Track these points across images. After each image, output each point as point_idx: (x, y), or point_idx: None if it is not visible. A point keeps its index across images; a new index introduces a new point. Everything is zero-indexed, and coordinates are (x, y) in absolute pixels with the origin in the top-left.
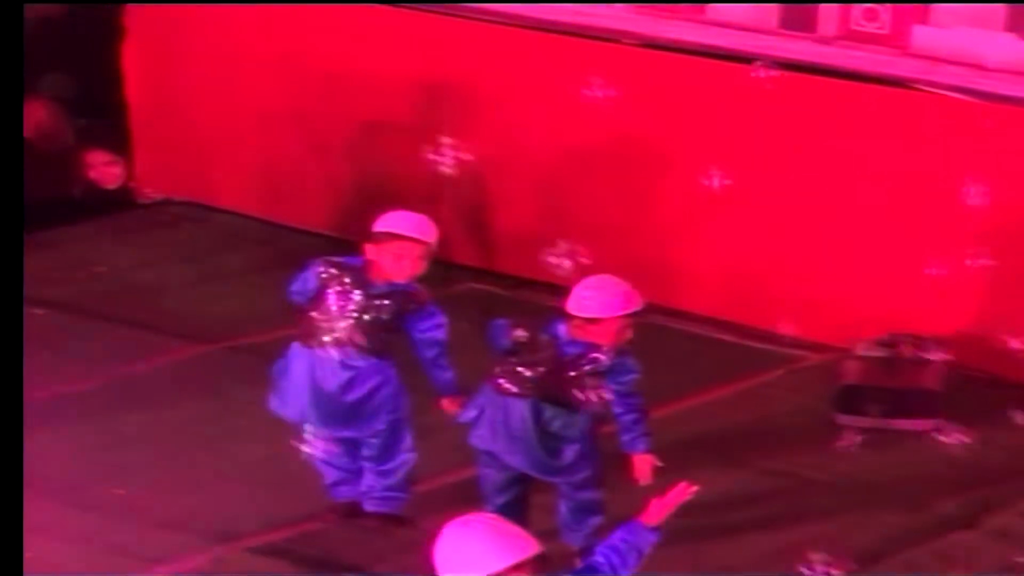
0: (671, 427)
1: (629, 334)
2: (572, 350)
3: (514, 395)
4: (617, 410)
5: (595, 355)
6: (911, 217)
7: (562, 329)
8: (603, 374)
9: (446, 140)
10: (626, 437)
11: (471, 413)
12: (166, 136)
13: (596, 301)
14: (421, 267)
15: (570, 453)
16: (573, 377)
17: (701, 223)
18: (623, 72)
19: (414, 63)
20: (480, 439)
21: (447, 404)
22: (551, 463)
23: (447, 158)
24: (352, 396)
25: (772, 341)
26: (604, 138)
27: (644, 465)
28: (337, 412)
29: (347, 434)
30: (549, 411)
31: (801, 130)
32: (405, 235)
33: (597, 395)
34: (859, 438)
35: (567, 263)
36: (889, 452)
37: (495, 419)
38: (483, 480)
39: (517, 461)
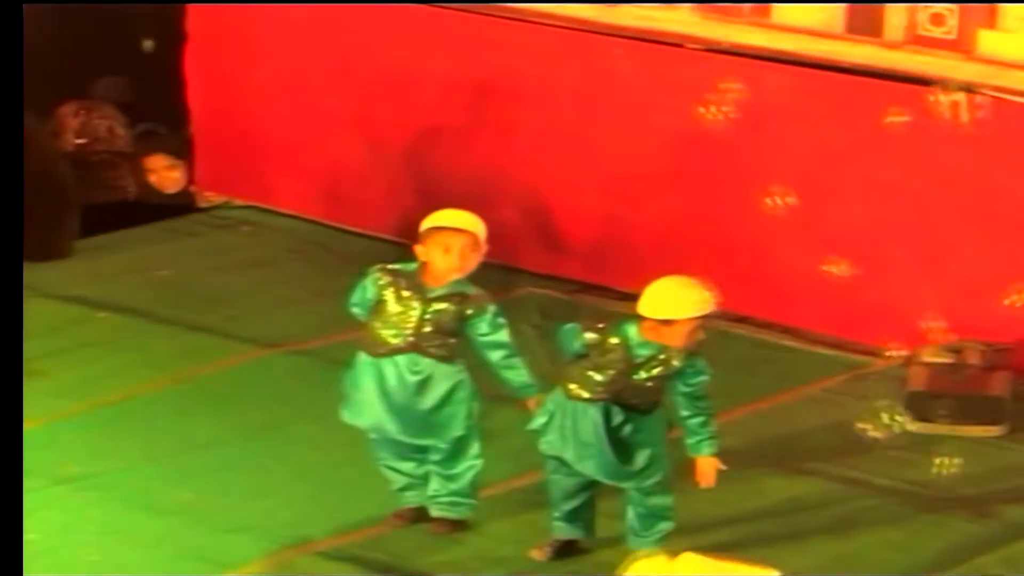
0: (736, 432)
1: (701, 336)
2: (643, 352)
3: (584, 400)
4: (684, 413)
5: (667, 357)
6: (978, 222)
7: (633, 331)
8: (674, 376)
9: None
10: (692, 440)
11: (540, 419)
12: (226, 140)
13: (669, 302)
14: (471, 261)
15: (642, 458)
16: (645, 379)
17: (768, 229)
18: (685, 77)
19: (477, 66)
20: (549, 445)
21: (532, 405)
22: (622, 468)
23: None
24: (427, 403)
25: (838, 347)
26: (670, 144)
27: (708, 468)
28: (414, 420)
29: (426, 441)
30: (620, 415)
31: (868, 136)
32: (447, 226)
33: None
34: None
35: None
36: (956, 459)
37: (564, 425)
38: (551, 486)
39: (588, 467)
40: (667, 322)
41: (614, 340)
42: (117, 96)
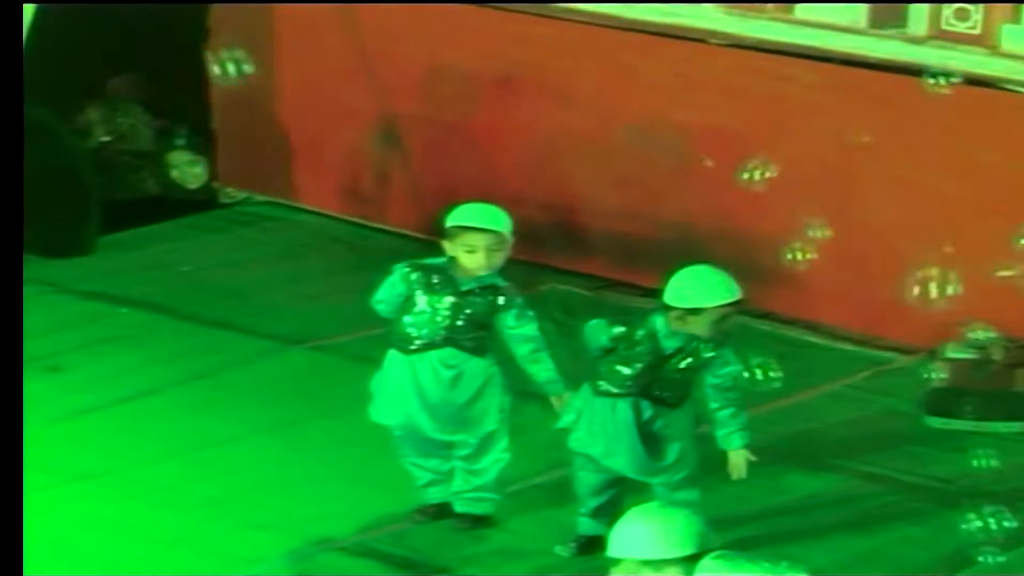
0: (758, 429)
1: (729, 324)
2: (672, 344)
3: (614, 395)
4: (714, 405)
5: (696, 348)
6: (1001, 218)
7: (660, 322)
8: (703, 368)
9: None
10: (722, 432)
11: (569, 417)
12: (248, 136)
13: (696, 290)
14: (496, 259)
15: (671, 453)
16: (674, 372)
17: (791, 226)
18: (708, 72)
19: (499, 62)
20: (578, 442)
21: (556, 403)
22: (652, 464)
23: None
24: (461, 397)
25: (861, 343)
26: (694, 139)
27: (740, 460)
28: (448, 416)
29: (458, 437)
30: (649, 410)
31: (893, 131)
32: (473, 226)
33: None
34: None
35: None
36: (980, 455)
37: (593, 421)
38: (579, 483)
39: (617, 463)
40: (694, 311)
41: (642, 332)
42: (139, 93)
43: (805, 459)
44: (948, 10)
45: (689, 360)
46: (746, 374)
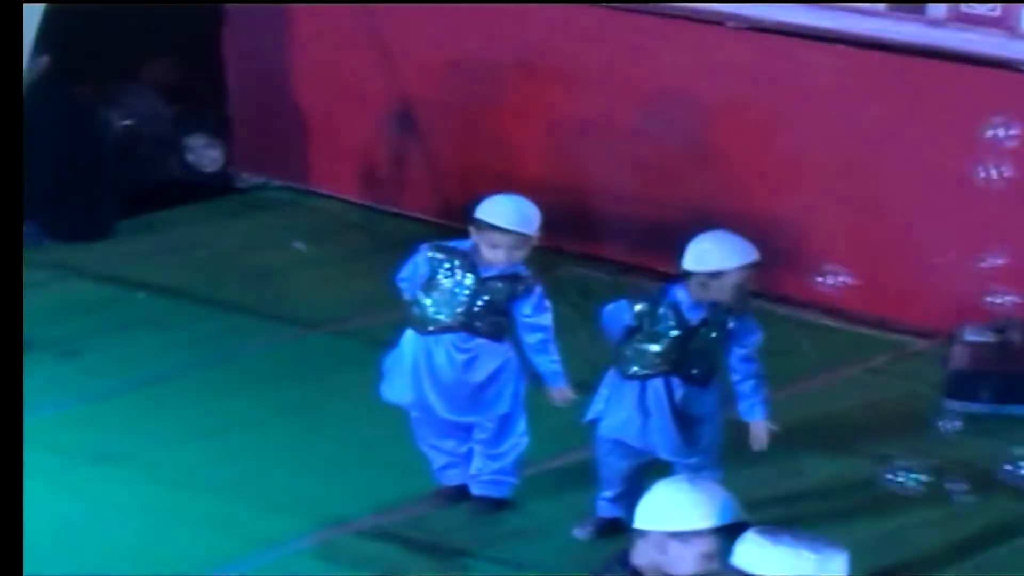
0: (778, 412)
1: (751, 287)
2: (696, 315)
3: (644, 376)
4: (737, 377)
5: (720, 317)
6: (1021, 201)
7: (682, 294)
8: (728, 339)
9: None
10: (743, 404)
11: (597, 407)
12: (264, 120)
13: (715, 254)
14: (517, 255)
15: (702, 432)
16: (701, 345)
17: (809, 208)
18: (726, 55)
19: (514, 48)
20: (610, 429)
21: (556, 394)
22: (685, 443)
23: None
24: (474, 380)
25: (880, 327)
26: (711, 123)
27: (761, 431)
28: (461, 397)
29: (471, 418)
30: (680, 388)
31: (911, 113)
32: (499, 226)
33: None
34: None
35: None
36: (999, 437)
37: (624, 406)
38: (604, 469)
39: (654, 444)
40: (715, 275)
41: (664, 306)
42: (159, 78)
43: (824, 442)
44: None
45: (716, 332)
46: None
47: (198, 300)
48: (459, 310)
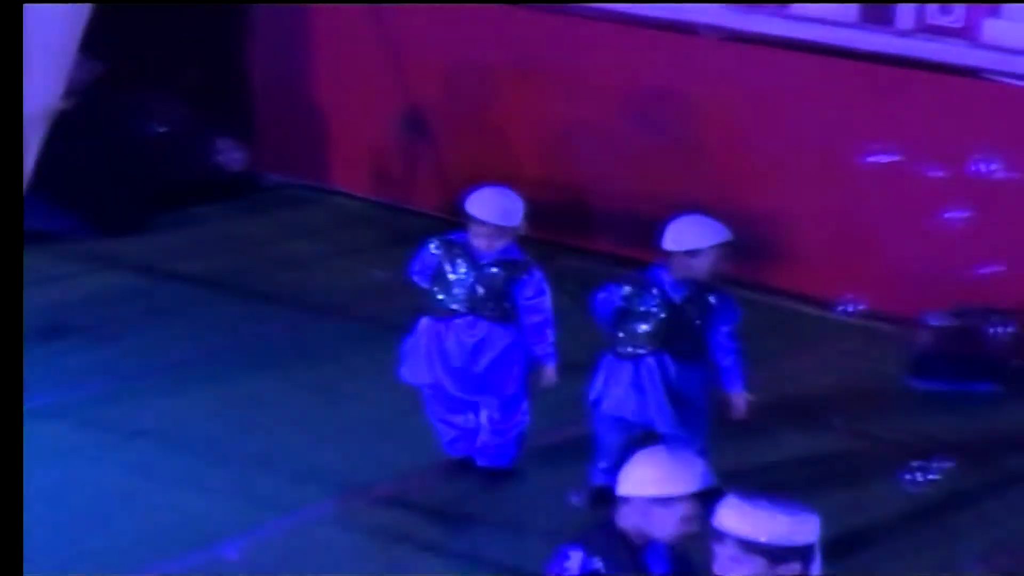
0: (756, 390)
1: (727, 266)
2: (679, 294)
3: (638, 355)
4: (719, 354)
5: (701, 295)
6: (984, 200)
7: (665, 275)
8: (712, 315)
9: None
10: (725, 378)
11: (596, 388)
12: (285, 124)
13: (692, 233)
14: (499, 242)
15: (694, 407)
16: (687, 321)
17: (786, 204)
18: (708, 63)
19: (515, 55)
20: (609, 408)
21: (549, 373)
22: (681, 417)
23: None
24: (482, 363)
25: (850, 313)
26: (695, 127)
27: (740, 402)
28: (471, 378)
29: (480, 398)
30: (673, 364)
31: (878, 118)
32: (479, 219)
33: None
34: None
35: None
36: (960, 413)
37: (621, 384)
38: (602, 444)
39: (651, 419)
40: (692, 252)
41: (650, 287)
42: (188, 84)
43: (799, 418)
44: (933, 7)
45: (698, 309)
46: None
47: (225, 288)
48: (463, 297)
